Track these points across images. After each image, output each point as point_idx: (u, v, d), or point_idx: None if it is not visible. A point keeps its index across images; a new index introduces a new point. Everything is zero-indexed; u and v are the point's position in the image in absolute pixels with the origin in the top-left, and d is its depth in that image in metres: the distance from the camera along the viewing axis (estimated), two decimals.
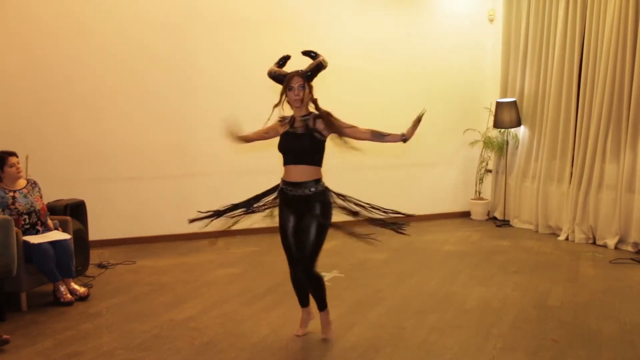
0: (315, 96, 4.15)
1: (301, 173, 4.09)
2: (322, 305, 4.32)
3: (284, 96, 4.06)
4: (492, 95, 8.64)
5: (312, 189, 4.15)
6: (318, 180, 4.21)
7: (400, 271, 6.23)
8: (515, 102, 8.20)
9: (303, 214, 4.12)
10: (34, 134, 7.01)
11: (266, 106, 4.04)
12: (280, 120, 4.18)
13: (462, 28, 8.72)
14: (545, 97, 7.86)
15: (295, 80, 4.00)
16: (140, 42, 7.33)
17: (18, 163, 5.30)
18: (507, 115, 8.18)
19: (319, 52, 4.22)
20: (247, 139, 4.31)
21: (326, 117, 4.11)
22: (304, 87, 4.01)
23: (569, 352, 4.12)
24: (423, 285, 5.73)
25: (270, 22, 7.83)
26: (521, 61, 8.23)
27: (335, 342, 4.31)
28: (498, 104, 8.32)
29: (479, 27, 8.83)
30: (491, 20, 8.80)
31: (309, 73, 4.06)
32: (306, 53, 4.22)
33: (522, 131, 8.35)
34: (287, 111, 4.18)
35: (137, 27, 7.33)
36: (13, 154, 5.31)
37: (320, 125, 4.10)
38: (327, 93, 4.14)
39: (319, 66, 4.09)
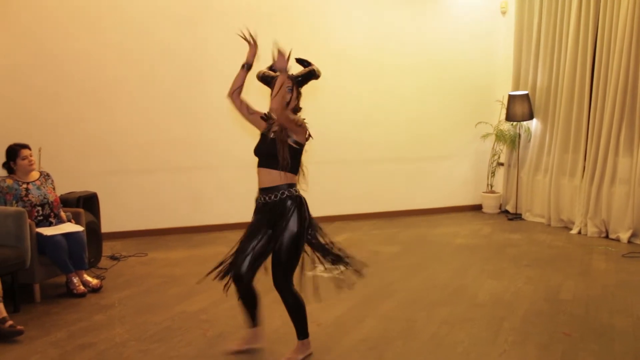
0: (301, 106, 3.94)
1: (270, 178, 3.79)
2: (302, 332, 3.92)
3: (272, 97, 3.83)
4: (505, 88, 8.59)
5: (284, 194, 3.81)
6: (291, 185, 3.87)
7: (411, 264, 6.22)
8: (527, 95, 8.15)
9: (274, 224, 3.79)
10: (46, 127, 7.04)
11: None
12: (261, 117, 3.94)
13: (474, 20, 8.67)
14: (558, 90, 7.81)
15: (286, 83, 3.77)
16: (151, 36, 7.34)
17: (31, 155, 5.33)
18: (519, 108, 8.14)
19: (312, 61, 4.02)
20: (241, 85, 4.03)
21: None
22: (292, 90, 3.81)
23: (581, 345, 4.10)
24: (434, 278, 5.73)
25: (282, 14, 7.82)
26: (534, 54, 8.18)
27: (346, 334, 4.31)
28: (510, 97, 8.28)
29: (491, 20, 8.78)
30: (503, 13, 8.75)
31: (300, 78, 3.87)
32: (300, 61, 4.01)
33: (534, 124, 8.31)
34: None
35: (148, 20, 7.34)
36: (26, 146, 5.34)
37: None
38: (340, 83, 4.04)
39: (310, 73, 3.88)
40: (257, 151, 3.88)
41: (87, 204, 6.12)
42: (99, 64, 7.22)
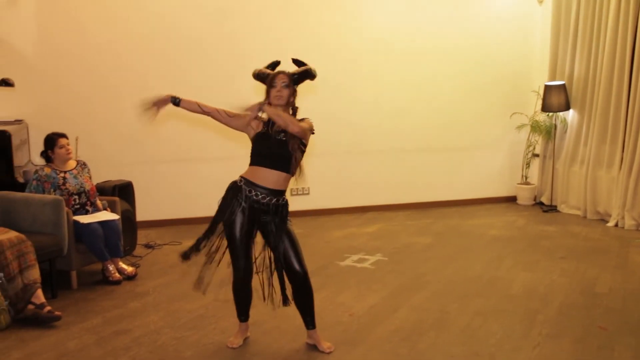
0: (297, 105, 3.87)
1: (278, 180, 3.79)
2: (312, 322, 3.98)
3: (267, 95, 3.82)
4: (541, 79, 8.46)
5: (283, 200, 3.86)
6: (284, 191, 3.89)
7: (444, 255, 6.19)
8: (564, 85, 8.03)
9: (259, 223, 3.83)
10: (84, 117, 7.15)
11: (310, 92, 3.91)
12: (254, 117, 3.86)
13: (510, 9, 8.54)
14: (596, 80, 7.67)
15: (280, 77, 3.76)
16: (182, 30, 7.38)
17: (68, 145, 5.41)
18: (555, 98, 8.02)
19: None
20: (199, 108, 4.04)
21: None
22: (287, 86, 3.75)
23: (617, 339, 4.05)
24: (467, 269, 5.69)
25: (315, 2, 7.83)
26: (571, 43, 8.04)
27: (379, 325, 4.31)
28: (546, 87, 8.16)
29: (528, 9, 8.64)
30: (540, 2, 8.60)
31: (296, 76, 3.81)
32: (295, 61, 3.95)
33: (571, 115, 8.18)
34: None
35: (179, 14, 7.39)
36: (63, 135, 5.42)
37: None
38: (374, 73, 3.96)
39: (307, 72, 3.83)
40: (262, 152, 3.80)
41: (123, 192, 6.19)
42: (130, 57, 7.30)
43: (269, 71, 3.88)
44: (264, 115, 3.81)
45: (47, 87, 7.07)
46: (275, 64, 3.98)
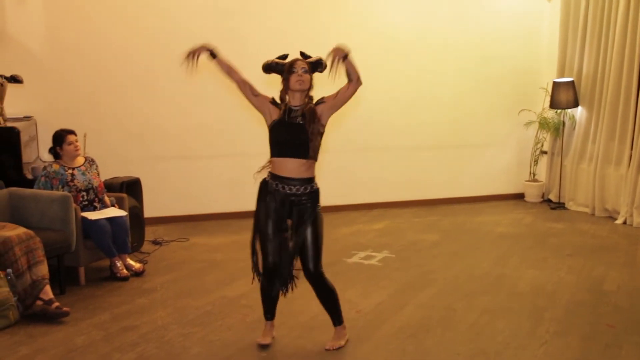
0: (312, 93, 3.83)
1: (301, 168, 3.72)
2: (338, 318, 3.95)
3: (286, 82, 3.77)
4: (549, 75, 8.43)
5: (309, 188, 3.77)
6: (314, 178, 3.82)
7: (451, 252, 6.19)
8: (572, 82, 7.99)
9: (290, 216, 3.76)
10: (92, 114, 7.16)
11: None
12: (271, 101, 3.85)
13: (519, 6, 8.51)
14: (605, 77, 7.63)
15: (299, 63, 3.73)
16: (189, 25, 7.34)
17: (76, 141, 5.43)
18: (564, 95, 7.99)
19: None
20: (230, 70, 4.00)
21: (327, 100, 3.79)
22: (307, 72, 3.72)
23: (625, 337, 4.04)
24: (474, 267, 5.69)
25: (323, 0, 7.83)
26: (580, 40, 8.00)
27: (385, 322, 4.31)
28: (555, 84, 8.13)
29: (537, 5, 8.60)
30: None
31: (311, 64, 3.80)
32: (302, 54, 3.92)
33: (579, 112, 8.15)
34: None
35: (186, 11, 7.40)
36: (72, 132, 5.44)
37: (319, 111, 3.76)
38: (382, 69, 3.94)
39: (319, 62, 3.81)
40: (281, 140, 3.76)
41: (131, 189, 6.20)
42: (139, 54, 7.29)
43: (283, 61, 3.86)
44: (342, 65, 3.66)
45: (56, 84, 7.09)
46: (284, 56, 3.94)
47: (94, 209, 5.42)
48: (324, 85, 3.83)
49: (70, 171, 5.34)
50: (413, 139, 8.36)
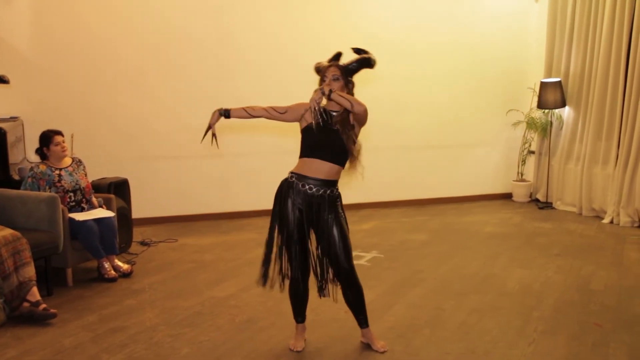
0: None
1: (330, 171, 3.71)
2: (366, 319, 3.91)
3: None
4: (537, 75, 8.48)
5: (336, 190, 3.80)
6: (337, 182, 3.82)
7: (440, 252, 6.20)
8: (560, 82, 8.04)
9: (313, 216, 3.71)
10: (80, 114, 7.13)
11: (308, 88, 3.88)
12: (307, 107, 3.73)
13: (507, 6, 8.55)
14: (592, 77, 7.68)
15: (330, 70, 3.68)
16: (179, 25, 7.36)
17: (63, 142, 5.40)
18: (551, 95, 8.03)
19: (370, 49, 3.90)
20: (248, 114, 3.87)
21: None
22: (337, 79, 3.67)
23: (612, 336, 4.06)
24: (463, 266, 5.70)
25: None
26: (567, 40, 8.05)
27: (374, 322, 4.30)
28: (542, 84, 8.17)
29: (524, 6, 8.65)
30: None
31: (353, 65, 3.76)
32: (357, 50, 3.86)
33: (566, 112, 8.19)
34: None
35: (175, 9, 7.37)
36: (59, 132, 5.41)
37: (352, 121, 3.75)
38: (371, 69, 3.91)
39: (363, 61, 3.78)
40: (314, 143, 3.71)
41: (118, 189, 6.18)
42: (129, 53, 7.27)
43: (324, 63, 3.80)
44: (324, 102, 3.68)
45: (43, 83, 7.04)
46: (338, 55, 3.87)
47: (82, 210, 5.39)
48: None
49: (57, 172, 5.31)
50: (401, 139, 8.38)
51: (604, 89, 7.48)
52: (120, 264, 5.46)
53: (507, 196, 8.94)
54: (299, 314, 3.96)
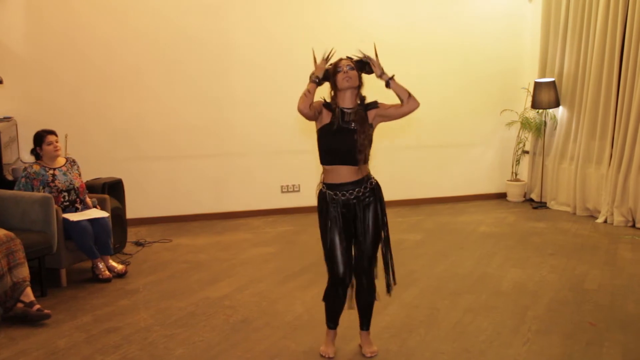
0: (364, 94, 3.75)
1: (354, 172, 3.66)
2: (368, 323, 3.89)
3: (335, 84, 3.65)
4: (531, 76, 8.49)
5: (368, 185, 3.72)
6: (369, 175, 3.78)
7: (435, 252, 6.21)
8: (554, 82, 8.05)
9: (352, 216, 3.66)
10: (73, 114, 7.11)
11: (303, 87, 3.80)
12: (323, 104, 3.66)
13: (501, 6, 8.55)
14: (585, 77, 7.69)
15: (344, 62, 3.64)
16: (174, 24, 7.35)
17: (57, 142, 5.38)
18: (545, 95, 8.04)
19: (365, 49, 3.90)
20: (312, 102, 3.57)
21: (381, 106, 3.73)
22: (353, 69, 3.63)
23: (606, 335, 4.07)
24: (458, 266, 5.71)
25: None
26: (561, 40, 8.06)
27: None
28: (536, 84, 8.18)
29: (518, 6, 8.65)
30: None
31: (357, 63, 3.74)
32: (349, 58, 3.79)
33: (560, 112, 8.20)
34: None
35: (172, 8, 7.35)
36: (52, 132, 5.39)
37: (371, 115, 3.71)
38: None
39: (364, 62, 3.76)
40: (332, 147, 3.65)
41: (113, 190, 6.17)
42: (124, 52, 7.25)
43: (327, 66, 3.71)
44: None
45: (37, 83, 7.03)
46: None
47: (76, 210, 5.38)
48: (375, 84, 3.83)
49: (51, 172, 5.30)
50: (395, 138, 8.37)
51: (597, 89, 7.50)
52: (114, 264, 5.44)
53: (502, 196, 8.95)
54: (332, 320, 3.85)
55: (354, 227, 3.67)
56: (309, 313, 4.33)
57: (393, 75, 3.64)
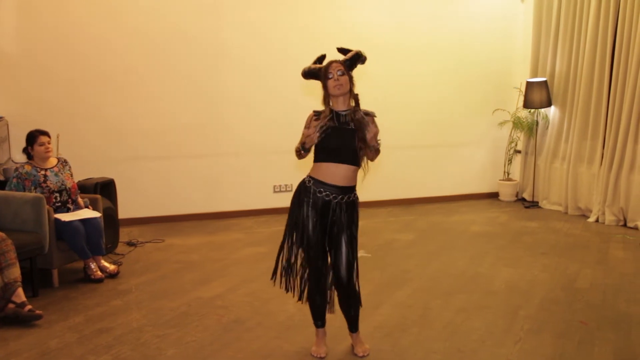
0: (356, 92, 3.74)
1: (347, 175, 3.62)
2: (356, 326, 3.87)
3: (326, 89, 3.63)
4: (522, 75, 8.52)
5: (354, 195, 3.72)
6: (355, 187, 3.74)
7: (427, 252, 6.22)
8: (545, 81, 8.08)
9: (331, 223, 3.65)
10: (65, 114, 7.07)
11: (296, 87, 3.79)
12: (314, 115, 3.62)
13: (493, 7, 8.59)
14: (577, 76, 7.73)
15: (334, 66, 3.59)
16: (168, 23, 7.33)
17: (48, 143, 5.35)
18: (537, 95, 8.07)
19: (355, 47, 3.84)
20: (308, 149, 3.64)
21: (372, 122, 3.70)
22: (344, 74, 3.60)
23: (597, 334, 4.09)
24: (450, 266, 5.72)
25: None
26: (552, 40, 8.09)
27: (362, 321, 4.30)
28: (528, 84, 8.21)
29: (510, 6, 8.68)
30: (522, 0, 8.65)
31: (347, 62, 3.70)
32: (341, 50, 3.82)
33: (552, 111, 8.24)
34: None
35: (165, 7, 7.32)
36: (44, 133, 5.37)
37: (366, 122, 3.67)
38: (359, 69, 3.87)
39: (357, 56, 3.71)
40: (329, 146, 3.60)
41: (105, 190, 6.15)
42: (117, 51, 7.22)
43: (319, 65, 3.71)
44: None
45: (29, 83, 6.98)
46: (322, 57, 3.78)
47: (68, 210, 5.36)
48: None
49: (42, 172, 5.28)
50: (388, 138, 8.29)
51: (589, 89, 7.53)
52: (106, 264, 5.43)
53: (494, 195, 8.98)
54: (319, 318, 3.86)
55: (328, 230, 3.66)
56: (301, 313, 4.32)
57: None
